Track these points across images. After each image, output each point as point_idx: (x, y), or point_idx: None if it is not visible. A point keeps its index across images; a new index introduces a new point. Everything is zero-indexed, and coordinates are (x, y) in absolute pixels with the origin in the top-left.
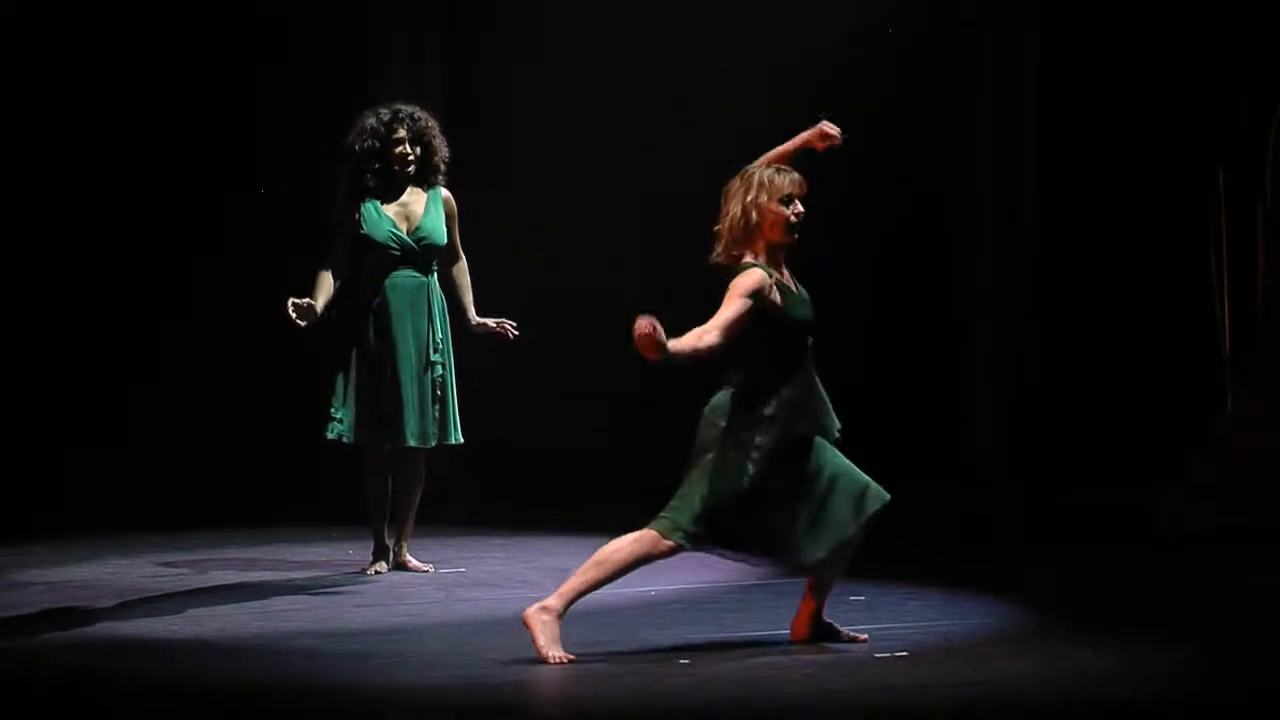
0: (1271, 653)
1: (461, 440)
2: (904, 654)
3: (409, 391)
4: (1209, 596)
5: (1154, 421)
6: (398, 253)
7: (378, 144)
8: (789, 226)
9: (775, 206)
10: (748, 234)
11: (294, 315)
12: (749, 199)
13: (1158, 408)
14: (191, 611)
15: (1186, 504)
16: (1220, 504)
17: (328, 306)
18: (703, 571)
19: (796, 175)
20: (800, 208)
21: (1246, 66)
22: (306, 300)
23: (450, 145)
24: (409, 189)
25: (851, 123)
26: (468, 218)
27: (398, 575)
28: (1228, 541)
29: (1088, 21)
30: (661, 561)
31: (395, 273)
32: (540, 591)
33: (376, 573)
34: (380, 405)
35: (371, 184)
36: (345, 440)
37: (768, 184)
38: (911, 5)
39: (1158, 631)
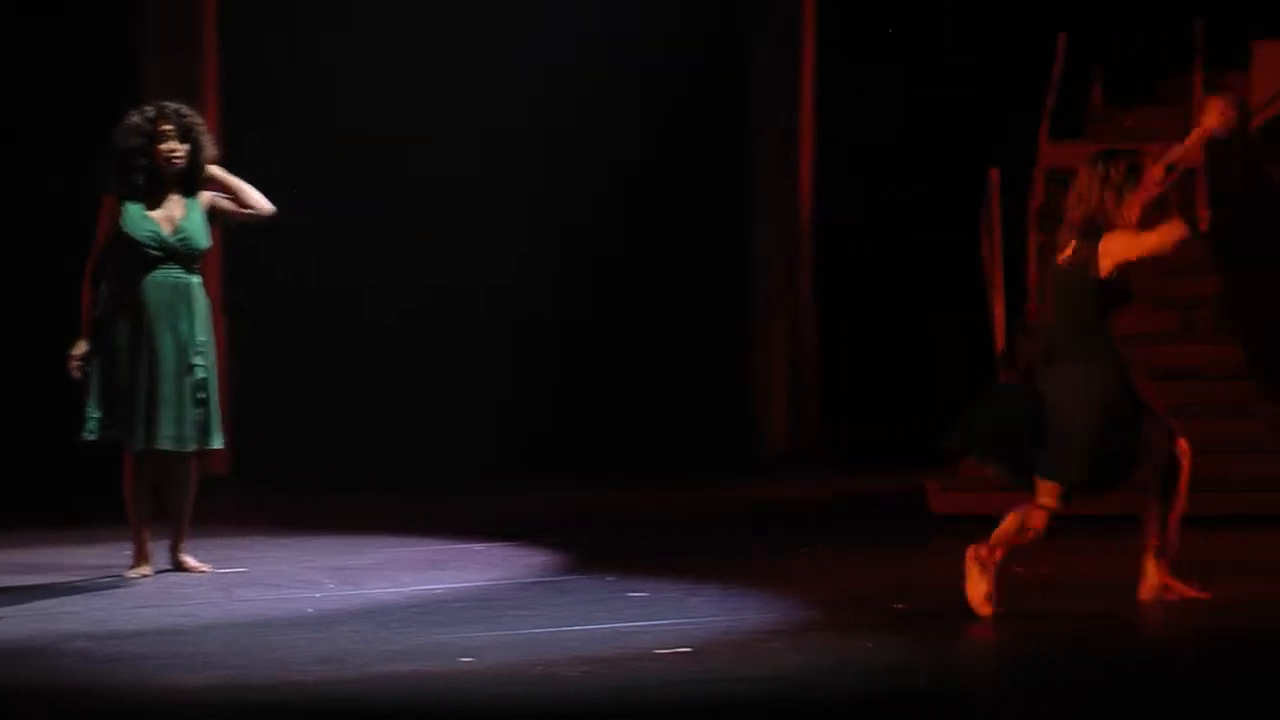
0: (1053, 642)
1: (222, 445)
2: (687, 650)
3: (167, 392)
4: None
5: (930, 413)
6: (158, 252)
7: (144, 141)
8: None
9: None
10: None
11: (77, 372)
12: None
13: (933, 397)
14: None
15: (961, 491)
16: (996, 491)
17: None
18: (486, 570)
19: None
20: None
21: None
22: (82, 348)
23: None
24: (173, 193)
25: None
26: None
27: (175, 576)
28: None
29: (863, 16)
30: (442, 560)
31: (155, 271)
32: (321, 590)
33: (142, 576)
34: (136, 405)
35: (140, 182)
36: (98, 439)
37: None
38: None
39: (939, 621)
